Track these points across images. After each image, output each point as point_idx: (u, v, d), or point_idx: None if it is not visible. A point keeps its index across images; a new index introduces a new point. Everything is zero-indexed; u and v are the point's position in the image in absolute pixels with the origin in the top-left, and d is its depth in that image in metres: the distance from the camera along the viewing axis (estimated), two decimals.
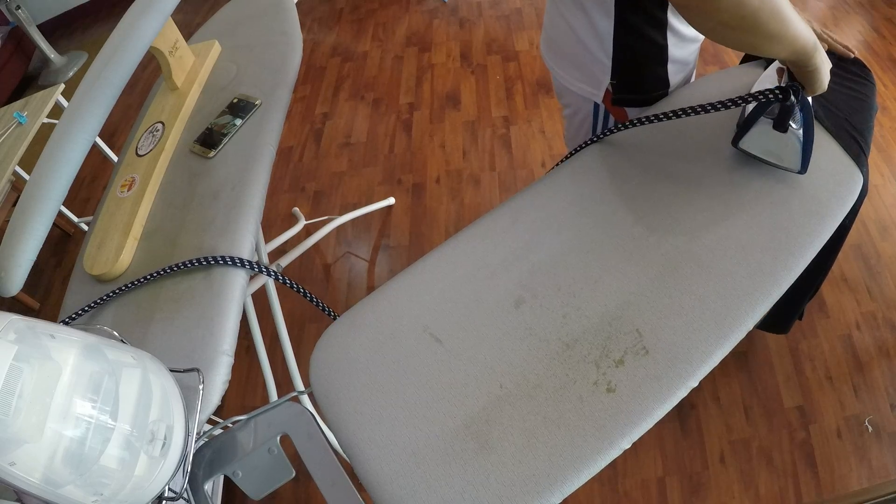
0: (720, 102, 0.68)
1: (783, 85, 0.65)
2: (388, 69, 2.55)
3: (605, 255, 0.68)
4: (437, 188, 2.01)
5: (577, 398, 0.58)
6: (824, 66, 0.63)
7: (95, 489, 0.48)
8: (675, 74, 0.85)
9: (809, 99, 0.66)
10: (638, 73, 0.84)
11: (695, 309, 0.61)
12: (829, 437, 1.29)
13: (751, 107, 0.69)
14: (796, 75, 0.64)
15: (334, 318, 0.74)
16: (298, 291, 0.82)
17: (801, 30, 0.58)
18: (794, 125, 0.66)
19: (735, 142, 0.71)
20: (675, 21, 0.78)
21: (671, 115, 0.73)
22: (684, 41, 0.82)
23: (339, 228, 1.95)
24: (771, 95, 0.64)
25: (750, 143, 0.70)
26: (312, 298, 0.82)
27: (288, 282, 0.82)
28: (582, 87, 0.91)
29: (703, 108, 0.70)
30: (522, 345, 0.63)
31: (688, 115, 0.72)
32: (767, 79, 0.74)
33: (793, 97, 0.63)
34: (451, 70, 2.46)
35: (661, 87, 0.86)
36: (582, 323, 0.63)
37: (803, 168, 0.68)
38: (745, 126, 0.69)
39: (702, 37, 0.85)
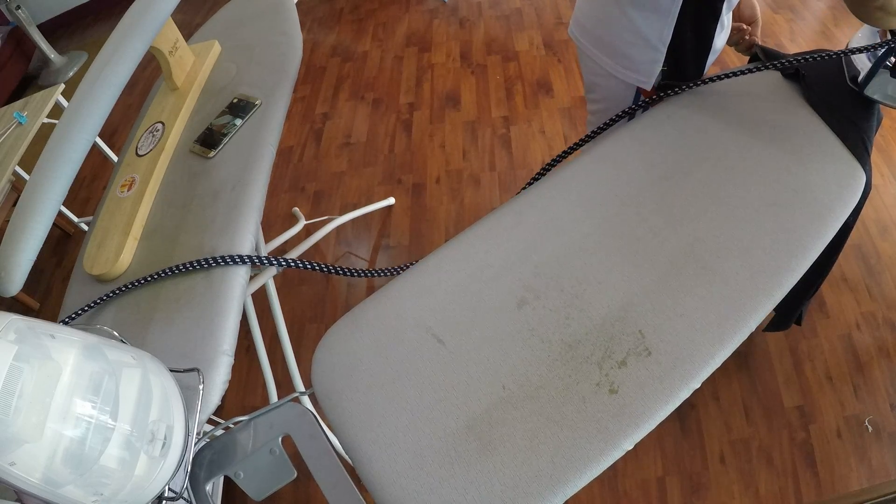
0: (860, 48, 0.80)
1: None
2: (388, 69, 2.55)
3: (609, 257, 0.68)
4: (437, 188, 2.01)
5: (579, 399, 0.58)
6: None
7: (95, 489, 0.48)
8: (709, 61, 0.91)
9: None
10: (686, 62, 0.89)
11: (697, 310, 0.61)
12: (829, 437, 1.28)
13: (859, 62, 0.84)
14: None
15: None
16: (315, 268, 0.80)
17: None
18: None
19: (861, 88, 0.82)
20: (724, 11, 0.84)
21: (771, 65, 0.81)
22: (723, 30, 0.89)
23: (339, 228, 1.94)
24: (879, 46, 0.77)
25: (873, 89, 0.81)
26: (334, 268, 0.80)
27: (301, 264, 0.80)
28: (629, 74, 0.94)
29: (833, 54, 0.80)
30: (525, 346, 0.63)
31: (816, 59, 0.81)
32: (862, 39, 0.85)
33: None
34: (451, 70, 2.46)
35: (699, 72, 0.91)
36: (585, 324, 0.63)
37: None
38: (868, 76, 0.81)
39: (729, 25, 0.91)
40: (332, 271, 0.81)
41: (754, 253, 0.64)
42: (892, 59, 0.78)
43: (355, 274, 0.81)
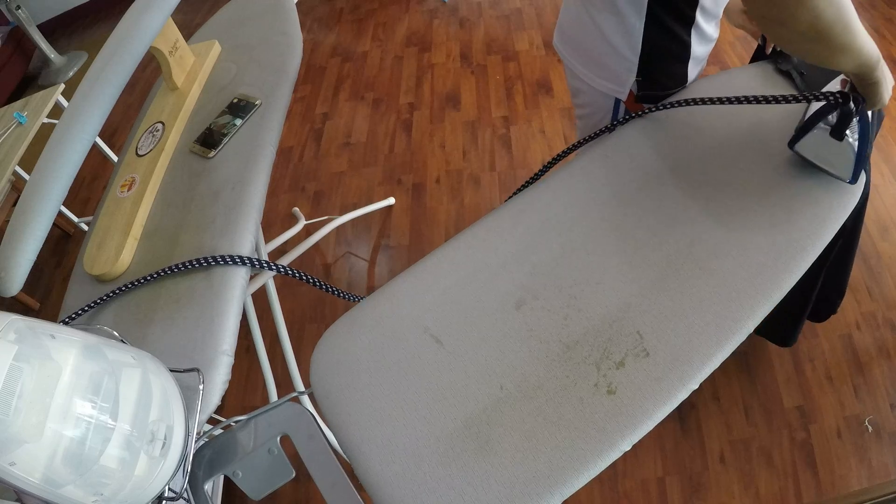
0: (781, 96, 0.70)
1: (845, 91, 0.65)
2: (388, 69, 2.55)
3: (607, 257, 0.68)
4: (437, 188, 2.01)
5: (577, 400, 0.58)
6: (885, 80, 0.64)
7: (95, 489, 0.48)
8: (692, 71, 0.88)
9: (869, 113, 0.66)
10: (662, 70, 0.86)
11: (695, 311, 0.61)
12: (829, 437, 1.29)
13: (812, 110, 0.70)
14: (858, 87, 0.65)
15: (356, 301, 0.73)
16: (308, 281, 0.81)
17: (867, 43, 0.59)
18: (849, 135, 0.66)
19: (791, 144, 0.71)
20: (702, 20, 0.81)
21: (714, 100, 0.74)
22: (705, 40, 0.85)
23: (339, 228, 1.95)
24: (832, 98, 0.65)
25: (805, 147, 0.70)
26: (323, 285, 0.82)
27: (293, 272, 0.81)
28: (605, 84, 0.92)
29: (758, 99, 0.72)
30: (523, 346, 0.63)
31: (732, 103, 0.73)
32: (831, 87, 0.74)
33: (852, 106, 0.64)
34: (451, 70, 2.46)
35: (680, 83, 0.88)
36: (583, 324, 0.63)
37: (854, 178, 0.68)
38: (803, 130, 0.69)
39: (716, 36, 0.87)
40: (326, 288, 0.83)
41: (752, 254, 0.64)
42: (834, 118, 0.67)
43: (342, 295, 0.84)
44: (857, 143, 0.66)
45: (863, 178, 0.70)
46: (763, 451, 1.29)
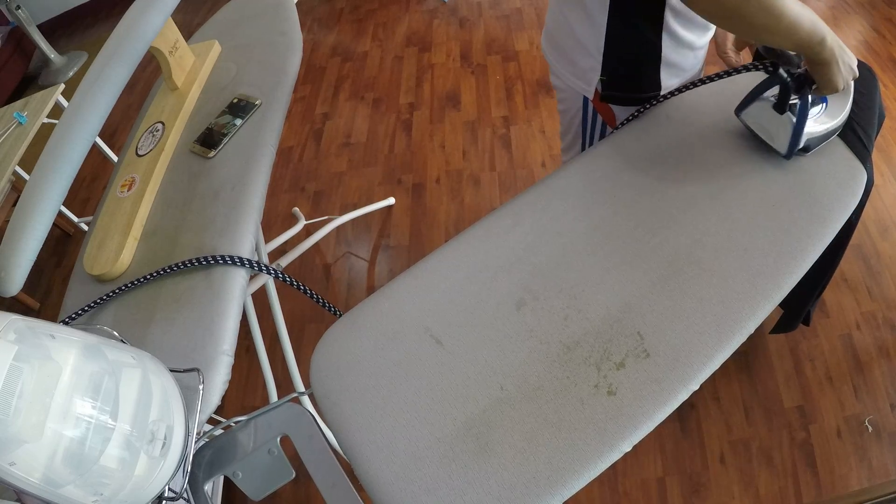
0: (725, 71, 0.74)
1: (774, 61, 0.66)
2: (388, 69, 2.55)
3: (607, 258, 0.68)
4: (437, 188, 2.01)
5: (577, 401, 0.58)
6: (835, 64, 0.63)
7: (95, 489, 0.48)
8: (668, 78, 0.84)
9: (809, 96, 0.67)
10: (628, 71, 0.84)
11: (696, 312, 0.61)
12: (829, 437, 1.29)
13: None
14: (808, 67, 0.65)
15: (338, 316, 0.74)
16: (299, 289, 0.82)
17: (803, 22, 0.59)
18: (790, 111, 0.68)
19: (737, 111, 0.74)
20: (673, 22, 0.77)
21: (668, 95, 0.77)
22: (681, 46, 0.81)
23: (339, 228, 1.95)
24: (760, 66, 0.67)
25: (749, 115, 0.73)
26: (314, 295, 0.82)
27: (289, 279, 0.82)
28: (574, 80, 0.91)
29: (703, 81, 0.76)
30: (523, 347, 0.63)
31: (688, 89, 0.77)
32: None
33: (785, 76, 0.66)
34: (451, 70, 2.46)
35: (651, 88, 0.85)
36: (583, 325, 0.63)
37: (788, 154, 0.70)
38: (749, 98, 0.72)
39: (704, 43, 0.85)
40: (316, 299, 0.83)
41: (753, 254, 0.64)
42: (776, 94, 0.69)
43: (333, 310, 0.84)
44: (795, 119, 0.67)
45: (864, 177, 0.70)
46: (763, 451, 1.29)
